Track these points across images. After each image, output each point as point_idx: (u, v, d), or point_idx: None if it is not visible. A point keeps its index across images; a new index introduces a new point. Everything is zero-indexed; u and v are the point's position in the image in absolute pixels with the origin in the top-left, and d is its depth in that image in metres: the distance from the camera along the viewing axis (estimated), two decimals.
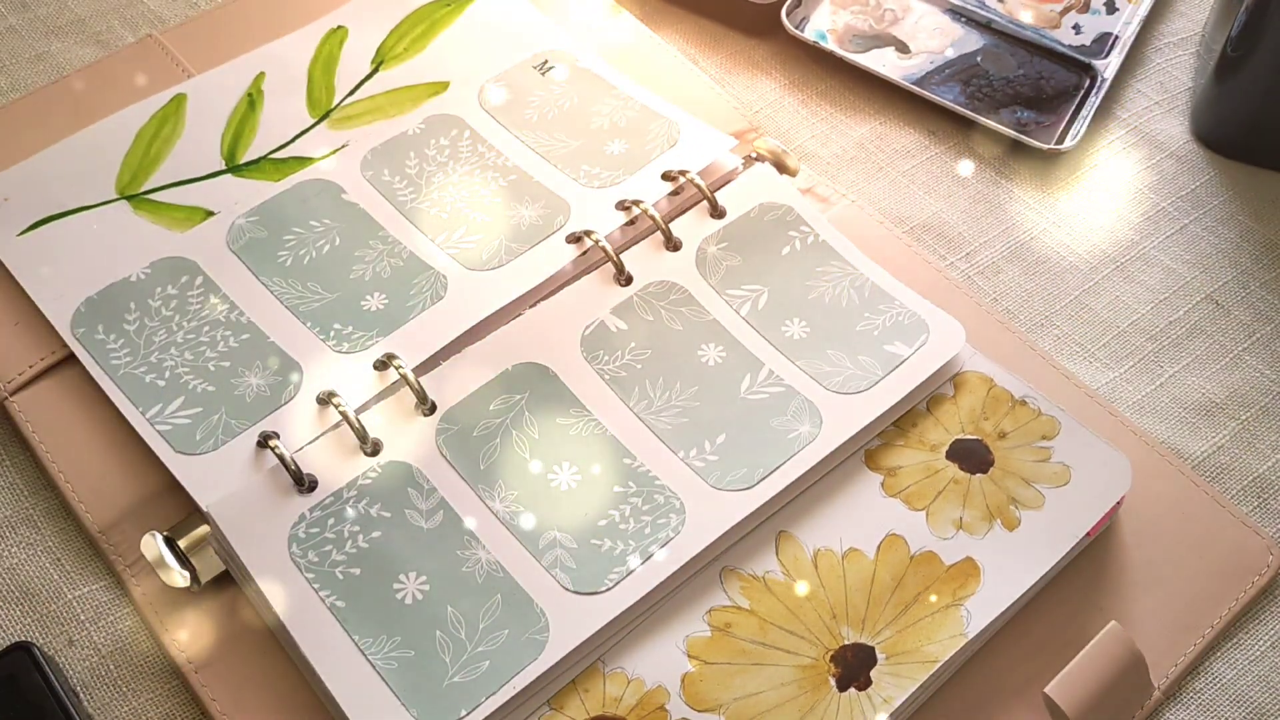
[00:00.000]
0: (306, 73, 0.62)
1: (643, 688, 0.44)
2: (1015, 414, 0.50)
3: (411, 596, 0.45)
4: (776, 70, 0.67)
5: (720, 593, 0.46)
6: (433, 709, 0.42)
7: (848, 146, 0.63)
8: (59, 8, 0.66)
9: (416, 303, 0.53)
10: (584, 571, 0.45)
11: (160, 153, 0.59)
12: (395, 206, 0.56)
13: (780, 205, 0.56)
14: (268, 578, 0.44)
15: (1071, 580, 0.48)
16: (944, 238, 0.60)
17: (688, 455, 0.48)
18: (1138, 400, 0.55)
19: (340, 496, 0.46)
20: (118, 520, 0.48)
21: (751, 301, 0.53)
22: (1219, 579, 0.49)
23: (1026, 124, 0.64)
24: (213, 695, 0.45)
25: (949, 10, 0.69)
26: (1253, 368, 0.56)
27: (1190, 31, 0.70)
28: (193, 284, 0.54)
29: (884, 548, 0.47)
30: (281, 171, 0.58)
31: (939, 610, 0.45)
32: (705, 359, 0.51)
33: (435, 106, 0.61)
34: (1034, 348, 0.55)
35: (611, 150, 0.59)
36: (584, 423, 0.49)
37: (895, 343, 0.51)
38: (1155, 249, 0.60)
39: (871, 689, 0.43)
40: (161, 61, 0.63)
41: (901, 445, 0.50)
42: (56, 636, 0.46)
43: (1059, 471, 0.49)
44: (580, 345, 0.51)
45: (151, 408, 0.50)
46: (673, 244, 0.54)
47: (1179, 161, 0.64)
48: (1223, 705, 0.47)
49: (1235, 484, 0.52)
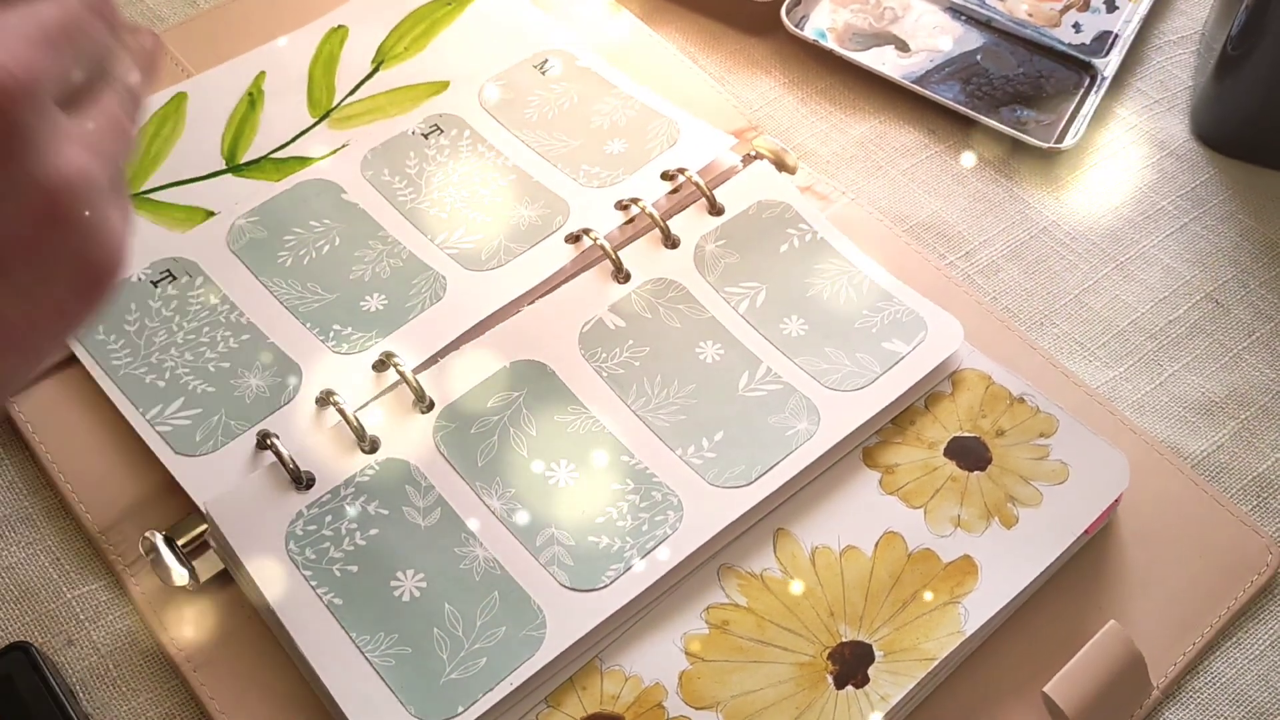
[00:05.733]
0: (307, 72, 0.62)
1: (640, 685, 0.44)
2: (1013, 412, 0.50)
3: (409, 594, 0.45)
4: (776, 69, 0.66)
5: (718, 590, 0.46)
6: (430, 706, 0.42)
7: (847, 145, 0.63)
8: None
9: (416, 303, 0.53)
10: (581, 569, 0.45)
11: (160, 152, 0.59)
12: (395, 206, 0.57)
13: (779, 203, 0.56)
14: (265, 575, 0.44)
15: (1070, 579, 0.48)
16: (943, 236, 0.60)
17: (685, 452, 0.48)
18: (1137, 399, 0.54)
19: (338, 494, 0.47)
20: (117, 520, 0.48)
21: (750, 299, 0.53)
22: (1218, 578, 0.49)
23: (1026, 122, 0.64)
24: (211, 694, 0.45)
25: (949, 8, 0.69)
26: (1253, 366, 0.56)
27: (1190, 30, 0.69)
28: (193, 284, 0.54)
29: (882, 545, 0.47)
30: (282, 171, 0.58)
31: (936, 608, 0.45)
32: (703, 356, 0.51)
33: (435, 106, 0.61)
34: (1034, 346, 0.55)
35: (611, 149, 0.59)
36: (582, 420, 0.49)
37: (893, 340, 0.51)
38: (1155, 248, 0.60)
39: (869, 686, 0.43)
40: (161, 61, 0.63)
41: (899, 443, 0.50)
42: (56, 636, 0.46)
43: (1057, 469, 0.49)
44: (578, 342, 0.51)
45: (152, 408, 0.50)
46: (671, 241, 0.54)
47: (1179, 160, 0.64)
48: (1222, 704, 0.47)
49: (1235, 483, 0.52)
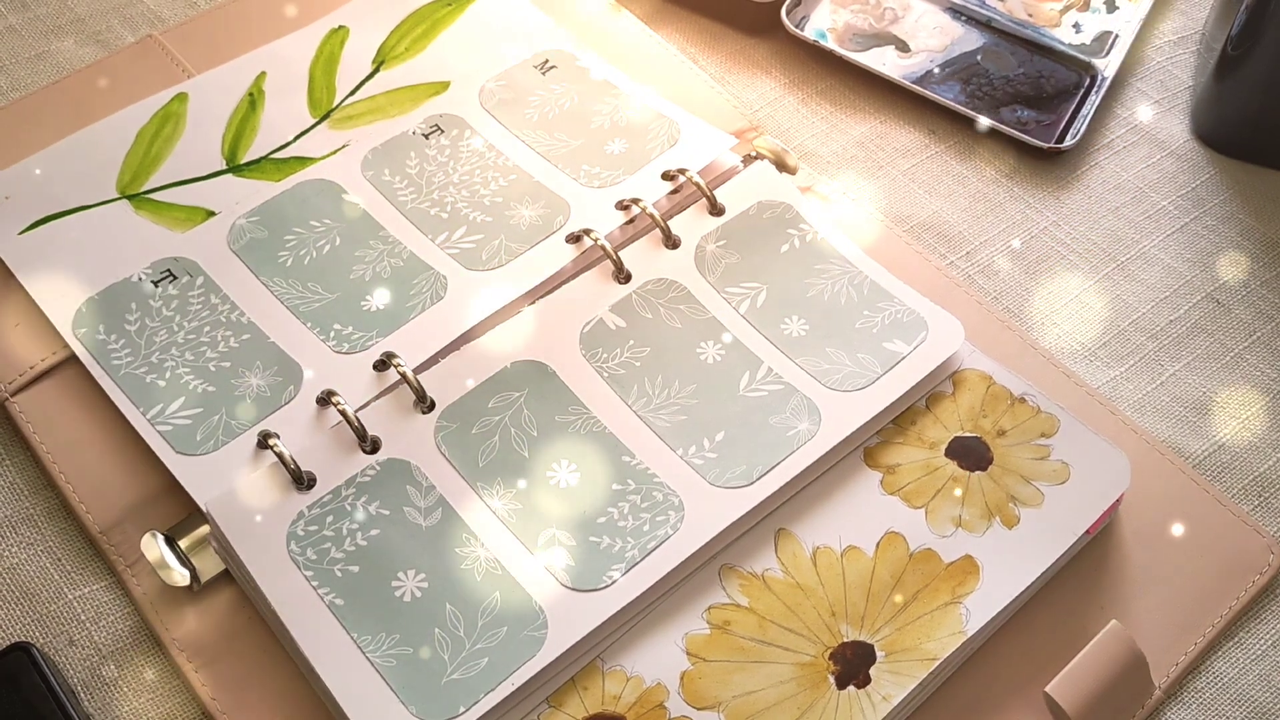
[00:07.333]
0: (307, 72, 0.62)
1: (642, 685, 0.44)
2: (1014, 412, 0.50)
3: (410, 594, 0.45)
4: (776, 69, 0.66)
5: (719, 590, 0.46)
6: (431, 706, 0.42)
7: (848, 145, 0.63)
8: (59, 8, 0.66)
9: (416, 303, 0.53)
10: (582, 569, 0.45)
11: (161, 152, 0.59)
12: (395, 206, 0.57)
13: (779, 203, 0.56)
14: (266, 575, 0.44)
15: (1072, 579, 0.48)
16: (944, 236, 0.60)
17: (686, 453, 0.48)
18: (1138, 399, 0.54)
19: (339, 494, 0.46)
20: (118, 520, 0.48)
21: (750, 299, 0.53)
22: (1220, 578, 0.49)
23: (1026, 123, 0.64)
24: (212, 694, 0.45)
25: (949, 9, 0.69)
26: (1253, 366, 0.56)
27: (1190, 30, 0.70)
28: (193, 284, 0.54)
29: (883, 545, 0.47)
30: (282, 171, 0.58)
31: (938, 608, 0.45)
32: (704, 356, 0.51)
33: (436, 106, 0.61)
34: (1034, 346, 0.55)
35: (612, 149, 0.59)
36: (583, 420, 0.49)
37: (894, 340, 0.51)
38: (1156, 247, 0.60)
39: (870, 687, 0.43)
40: (161, 61, 0.63)
41: (900, 443, 0.50)
42: (57, 636, 0.46)
43: (1058, 469, 0.49)
44: (579, 343, 0.51)
45: (152, 408, 0.50)
46: (672, 242, 0.54)
47: (1179, 160, 0.64)
48: (1224, 704, 0.47)
49: (1236, 483, 0.52)
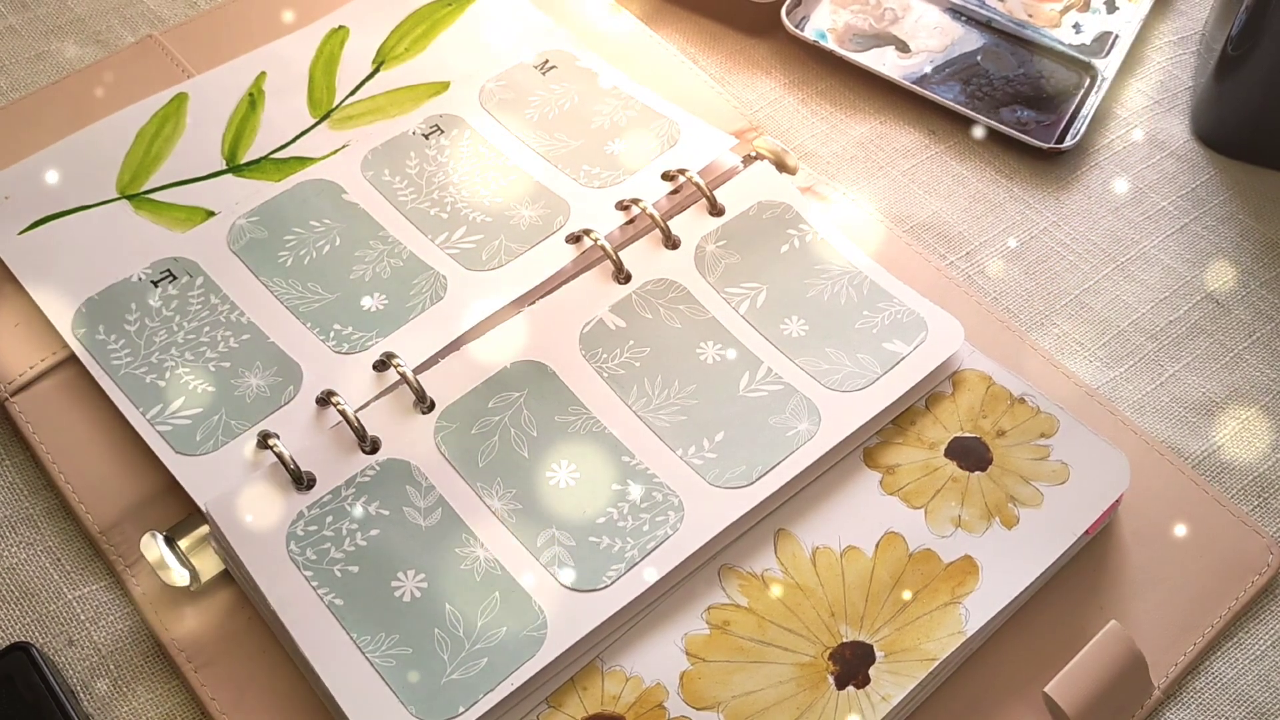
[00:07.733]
0: (308, 72, 0.62)
1: (641, 685, 0.44)
2: (1014, 412, 0.50)
3: (410, 594, 0.45)
4: (776, 69, 0.67)
5: (719, 591, 0.46)
6: (431, 706, 0.42)
7: (847, 145, 0.63)
8: (59, 8, 0.67)
9: (416, 303, 0.53)
10: (582, 569, 0.45)
11: (161, 152, 0.59)
12: (395, 207, 0.57)
13: (779, 203, 0.56)
14: (266, 575, 0.44)
15: (1071, 579, 0.48)
16: (944, 237, 0.60)
17: (686, 453, 0.48)
18: (1138, 399, 0.54)
19: (339, 494, 0.47)
20: (118, 520, 0.48)
21: (750, 299, 0.53)
22: (1219, 578, 0.49)
23: (1026, 123, 0.64)
24: (212, 694, 0.45)
25: (949, 9, 0.69)
26: (1253, 367, 0.56)
27: (1190, 30, 0.70)
28: (193, 284, 0.54)
29: (882, 546, 0.47)
30: (282, 171, 0.58)
31: (937, 608, 0.45)
32: (704, 357, 0.51)
33: (436, 106, 0.61)
34: (1034, 347, 0.55)
35: (611, 150, 0.59)
36: (582, 420, 0.49)
37: (894, 340, 0.51)
38: (1155, 248, 0.60)
39: (870, 687, 0.43)
40: (161, 61, 0.63)
41: (900, 443, 0.50)
42: (56, 636, 0.46)
43: (1057, 469, 0.49)
44: (579, 343, 0.51)
45: (152, 408, 0.50)
46: (671, 242, 0.54)
47: (1179, 160, 0.64)
48: (1223, 705, 0.47)
49: (1235, 483, 0.52)
